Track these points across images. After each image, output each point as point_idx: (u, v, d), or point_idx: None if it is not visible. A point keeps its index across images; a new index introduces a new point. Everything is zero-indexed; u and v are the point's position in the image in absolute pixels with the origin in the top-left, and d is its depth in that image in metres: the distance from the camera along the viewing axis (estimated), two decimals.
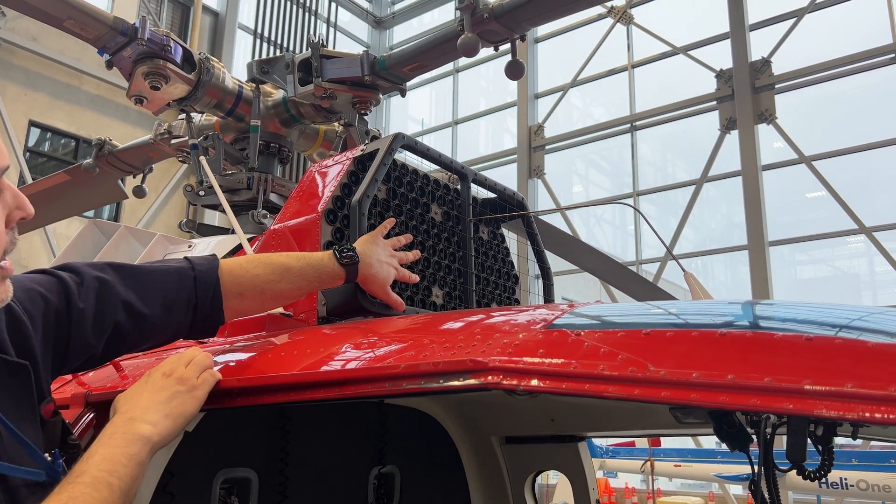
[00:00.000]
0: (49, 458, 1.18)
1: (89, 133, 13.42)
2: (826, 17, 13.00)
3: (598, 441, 11.43)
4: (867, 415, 0.79)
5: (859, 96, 12.79)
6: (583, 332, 1.09)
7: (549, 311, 1.30)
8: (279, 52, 16.56)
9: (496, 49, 2.54)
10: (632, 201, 14.56)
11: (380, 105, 3.00)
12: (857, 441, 1.55)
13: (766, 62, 13.07)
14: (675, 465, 10.87)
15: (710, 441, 10.90)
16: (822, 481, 8.43)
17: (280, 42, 17.29)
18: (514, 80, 2.48)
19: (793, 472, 1.31)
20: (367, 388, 1.20)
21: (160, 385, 1.30)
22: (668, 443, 11.00)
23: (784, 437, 1.33)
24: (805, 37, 12.99)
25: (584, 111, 17.57)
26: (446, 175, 2.37)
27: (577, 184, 17.61)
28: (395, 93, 2.95)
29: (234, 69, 16.04)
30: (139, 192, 4.34)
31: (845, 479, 8.33)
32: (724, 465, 9.83)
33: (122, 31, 2.71)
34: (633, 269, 13.60)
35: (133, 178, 4.39)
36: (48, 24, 2.63)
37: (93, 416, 1.50)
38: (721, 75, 13.60)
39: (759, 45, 13.36)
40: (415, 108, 20.09)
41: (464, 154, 17.75)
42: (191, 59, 2.95)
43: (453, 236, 2.34)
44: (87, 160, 4.15)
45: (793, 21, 13.00)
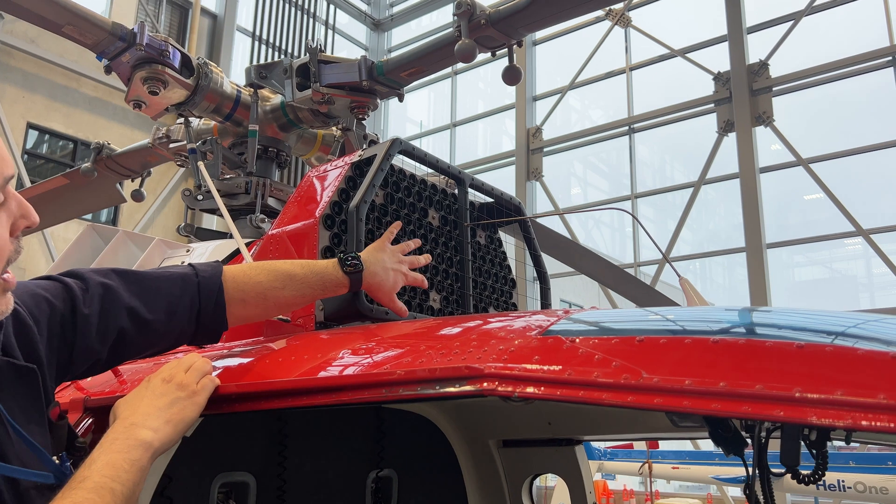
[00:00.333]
0: (57, 460, 1.19)
1: (87, 135, 13.42)
2: (823, 19, 13.04)
3: (596, 443, 11.44)
4: (857, 423, 0.79)
5: (856, 99, 12.82)
6: (577, 339, 1.10)
7: (544, 317, 1.31)
8: (277, 55, 16.58)
9: (493, 55, 2.55)
10: (630, 203, 14.59)
11: (378, 107, 3.00)
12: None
13: (763, 65, 13.10)
14: (674, 468, 10.88)
15: (708, 443, 10.90)
16: (820, 483, 8.44)
17: (278, 44, 17.29)
18: (511, 86, 2.49)
19: (789, 474, 1.32)
20: (364, 395, 1.21)
21: (160, 391, 1.31)
22: (666, 445, 11.01)
23: (780, 441, 1.35)
24: (802, 39, 13.02)
25: (583, 113, 17.61)
26: (443, 180, 2.38)
27: (575, 186, 17.63)
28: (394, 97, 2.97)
29: (232, 71, 16.06)
30: (137, 196, 4.34)
31: (843, 481, 8.34)
32: (722, 467, 9.84)
33: (120, 37, 2.72)
34: (632, 271, 13.62)
35: (131, 181, 4.40)
36: (47, 30, 2.64)
37: (91, 420, 1.51)
38: (719, 78, 13.63)
39: (757, 47, 13.40)
40: (413, 110, 20.12)
41: (462, 156, 17.77)
42: (189, 64, 2.96)
43: (450, 241, 2.35)
44: (86, 164, 4.16)
45: (790, 24, 13.04)
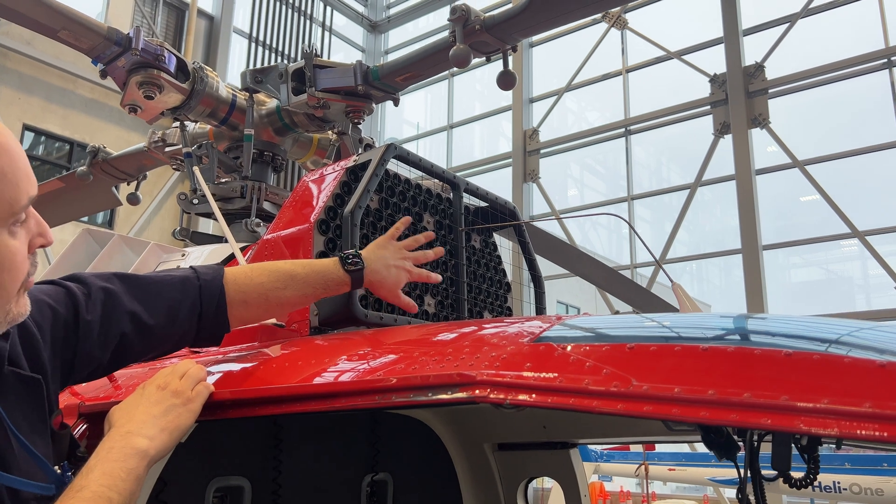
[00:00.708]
0: (58, 470, 1.20)
1: (83, 137, 13.41)
2: (819, 22, 13.08)
3: (592, 445, 11.43)
4: (844, 431, 0.80)
5: (852, 101, 12.86)
6: (569, 346, 1.11)
7: (536, 323, 1.32)
8: (274, 56, 16.56)
9: (488, 60, 2.56)
10: (626, 205, 14.62)
11: (374, 110, 3.01)
12: None
13: (759, 67, 13.14)
14: (670, 469, 10.89)
15: (703, 445, 10.90)
16: (816, 485, 8.46)
17: (275, 46, 17.29)
18: (506, 91, 2.50)
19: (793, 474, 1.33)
20: (358, 401, 1.22)
21: (155, 398, 1.31)
22: (662, 447, 11.02)
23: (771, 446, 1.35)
24: (798, 42, 13.06)
25: (579, 115, 17.63)
26: (438, 184, 2.39)
27: (571, 188, 17.65)
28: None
29: (228, 73, 16.04)
30: (133, 199, 4.34)
31: (838, 482, 8.35)
32: (718, 469, 9.85)
33: (116, 42, 2.73)
34: (628, 273, 13.64)
35: (127, 184, 4.41)
36: (43, 35, 2.64)
37: (86, 426, 1.51)
38: (715, 80, 13.66)
39: (753, 50, 13.43)
40: (410, 111, 20.13)
41: (459, 158, 17.78)
42: (185, 69, 2.96)
43: (445, 245, 2.35)
44: (82, 167, 4.16)
45: (786, 26, 13.08)
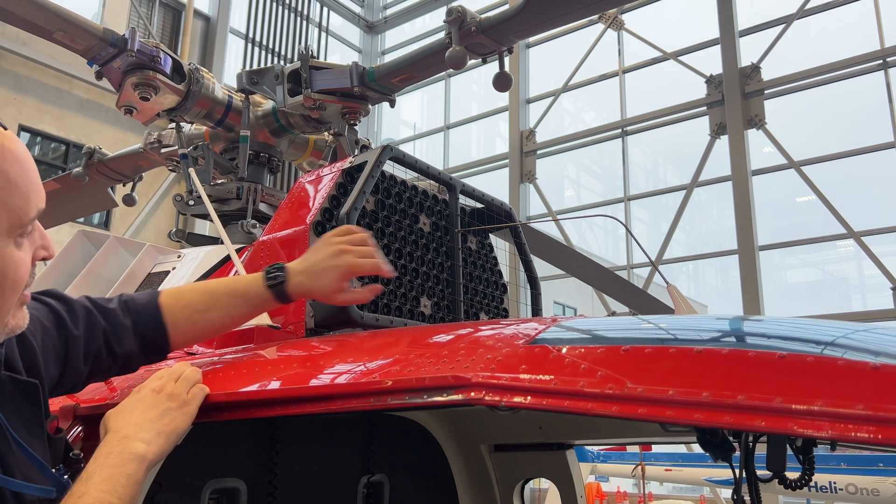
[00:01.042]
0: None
1: (79, 137, 13.38)
2: (814, 23, 13.12)
3: (589, 446, 11.44)
4: (836, 433, 0.81)
5: (848, 102, 12.90)
6: (564, 348, 1.11)
7: (531, 325, 1.32)
8: (271, 57, 16.55)
9: (484, 61, 2.57)
10: (623, 206, 14.64)
11: (371, 111, 3.01)
12: None
13: (755, 68, 13.17)
14: (666, 470, 10.91)
15: (699, 446, 10.91)
16: (812, 485, 8.47)
17: (272, 47, 17.28)
18: (502, 92, 2.50)
19: (788, 475, 1.34)
20: (353, 403, 1.22)
21: (151, 402, 1.31)
22: (658, 447, 11.03)
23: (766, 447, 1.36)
24: (794, 43, 13.10)
25: (576, 116, 17.65)
26: (434, 185, 2.39)
27: (568, 188, 17.68)
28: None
29: (225, 73, 16.02)
30: (129, 201, 4.33)
31: (834, 482, 8.37)
32: (715, 469, 9.87)
33: (111, 43, 2.72)
34: (624, 274, 13.66)
35: (123, 186, 4.40)
36: (38, 36, 2.64)
37: (81, 429, 1.51)
38: (711, 81, 13.69)
39: (749, 51, 13.46)
40: (407, 112, 20.13)
41: (456, 159, 17.78)
42: (181, 70, 2.96)
43: (441, 247, 2.36)
44: (77, 168, 4.15)
45: (782, 27, 13.11)
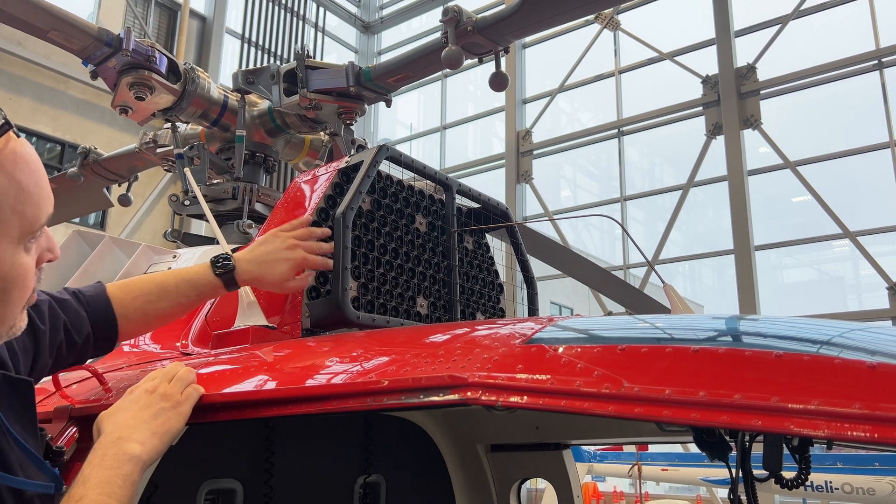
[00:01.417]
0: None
1: (75, 138, 13.34)
2: (810, 23, 13.15)
3: (585, 445, 11.45)
4: (833, 432, 0.80)
5: (843, 102, 12.93)
6: (561, 348, 1.11)
7: (528, 324, 1.32)
8: (267, 57, 16.53)
9: (480, 61, 2.56)
10: (619, 206, 14.66)
11: (367, 111, 3.01)
12: None
13: (751, 68, 13.20)
14: (663, 469, 10.92)
15: (696, 446, 10.93)
16: (808, 484, 8.49)
17: (268, 47, 17.26)
18: (498, 92, 2.50)
19: (784, 475, 1.34)
20: (349, 403, 1.21)
21: (144, 402, 1.31)
22: (655, 447, 11.05)
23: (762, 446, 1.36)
24: (789, 43, 13.13)
25: (572, 116, 17.67)
26: (431, 185, 2.39)
27: (565, 188, 17.69)
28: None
29: (221, 74, 16.00)
30: (124, 201, 4.32)
31: (830, 482, 8.39)
32: (711, 469, 9.89)
33: (106, 42, 2.71)
34: (621, 273, 13.67)
35: (118, 186, 4.39)
36: (32, 35, 2.63)
37: (76, 430, 1.51)
38: (707, 81, 13.71)
39: (745, 51, 13.49)
40: (403, 112, 20.12)
41: (452, 159, 17.78)
42: (176, 70, 2.95)
43: (438, 247, 2.35)
44: (72, 168, 4.14)
45: (777, 28, 13.14)
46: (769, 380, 0.88)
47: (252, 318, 1.92)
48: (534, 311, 2.62)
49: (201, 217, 2.92)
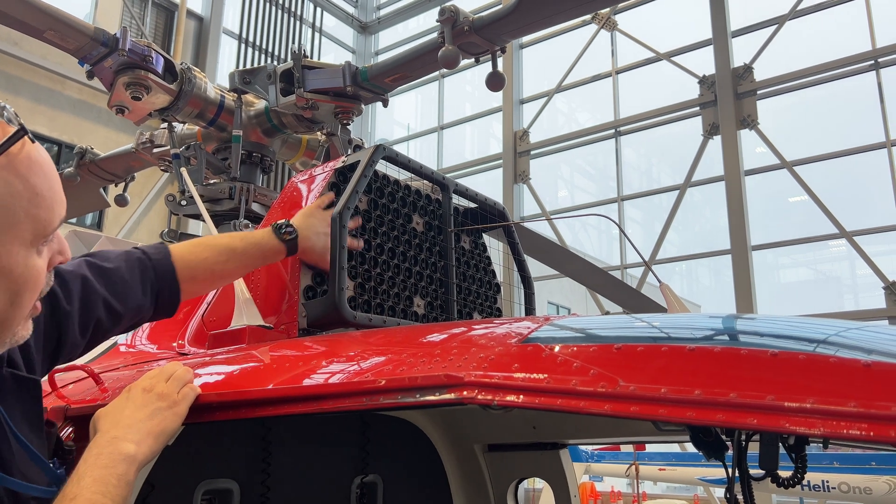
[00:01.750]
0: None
1: (72, 138, 13.32)
2: (807, 24, 13.17)
3: (583, 445, 11.46)
4: (828, 430, 0.81)
5: (840, 102, 12.96)
6: (557, 347, 1.11)
7: (524, 323, 1.32)
8: (264, 57, 16.51)
9: (477, 61, 2.56)
10: (616, 206, 14.67)
11: (364, 111, 3.01)
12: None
13: (748, 68, 13.22)
14: (660, 469, 10.93)
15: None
16: (805, 484, 8.51)
17: (265, 47, 17.24)
18: (494, 92, 2.50)
19: (781, 474, 1.34)
20: (345, 403, 1.21)
21: (141, 402, 1.31)
22: (652, 447, 11.05)
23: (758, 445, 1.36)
24: (786, 43, 13.15)
25: (570, 116, 17.68)
26: (427, 185, 2.39)
27: (562, 189, 17.70)
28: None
29: (218, 74, 15.98)
30: (121, 201, 4.31)
31: (827, 481, 8.40)
32: (708, 468, 9.90)
33: (102, 42, 2.70)
34: (618, 273, 13.68)
35: (115, 186, 4.38)
36: (28, 35, 2.62)
37: (72, 430, 1.50)
38: (704, 81, 13.73)
39: (741, 51, 13.51)
40: (400, 112, 20.12)
41: (450, 159, 17.78)
42: (172, 69, 2.95)
43: (435, 246, 2.35)
44: (69, 168, 4.13)
45: (774, 28, 13.16)
46: (765, 378, 0.88)
47: (248, 317, 1.92)
48: (531, 310, 2.62)
49: (198, 217, 2.92)
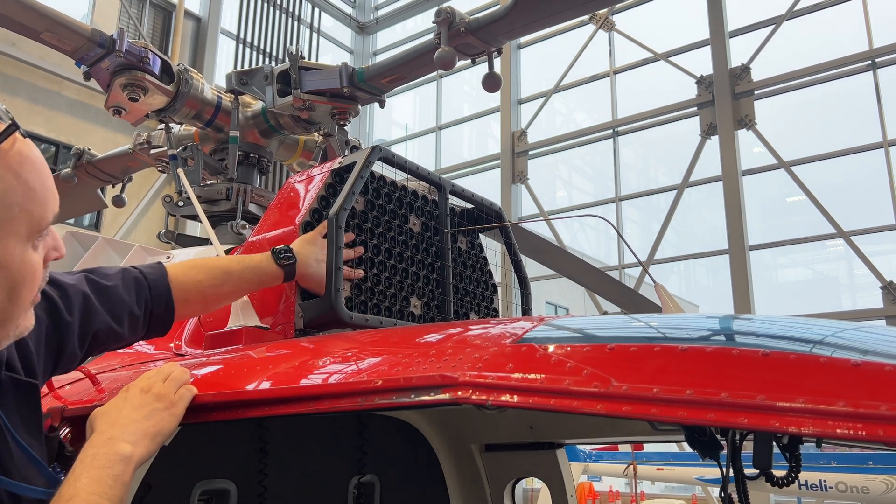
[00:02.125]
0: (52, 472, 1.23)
1: (69, 139, 13.30)
2: (804, 24, 13.19)
3: (581, 445, 11.47)
4: (818, 429, 0.81)
5: (837, 102, 12.98)
6: (551, 347, 1.11)
7: (519, 324, 1.32)
8: (262, 58, 16.50)
9: (473, 62, 2.57)
10: (614, 206, 14.68)
11: (361, 112, 3.02)
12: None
13: (745, 69, 13.24)
14: (658, 469, 10.94)
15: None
16: (802, 483, 8.52)
17: (263, 48, 17.23)
18: (491, 93, 2.51)
19: (776, 473, 1.34)
20: (341, 403, 1.22)
21: (138, 402, 1.31)
22: (650, 447, 11.06)
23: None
24: (783, 44, 13.17)
25: (567, 116, 17.68)
26: (424, 186, 2.39)
27: (560, 189, 17.70)
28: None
29: (216, 74, 15.97)
30: (118, 202, 4.31)
31: (824, 481, 8.41)
32: (706, 468, 9.90)
33: (99, 43, 2.71)
34: (616, 273, 13.69)
35: (112, 187, 4.38)
36: (25, 37, 2.62)
37: (69, 430, 1.51)
38: (701, 81, 13.75)
39: (739, 51, 13.53)
40: (398, 113, 20.13)
41: (448, 159, 17.79)
42: (169, 71, 2.95)
43: (431, 247, 2.36)
44: (66, 169, 4.13)
45: (771, 28, 13.18)
46: (756, 378, 0.89)
47: (245, 318, 1.93)
48: (527, 310, 2.63)
49: (195, 218, 2.92)
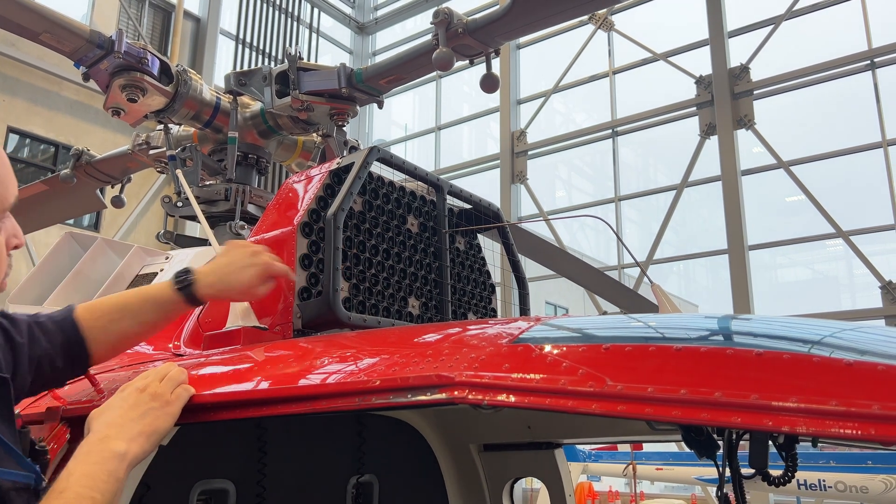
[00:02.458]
0: None
1: (68, 139, 13.30)
2: (803, 24, 13.20)
3: (580, 445, 11.47)
4: (811, 429, 0.82)
5: (836, 102, 12.98)
6: (547, 347, 1.12)
7: (515, 324, 1.33)
8: (261, 58, 16.51)
9: (471, 63, 2.58)
10: (613, 206, 14.69)
11: (360, 112, 3.03)
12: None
13: (744, 68, 13.24)
14: (657, 469, 10.95)
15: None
16: (801, 483, 8.53)
17: (262, 48, 17.23)
18: (489, 94, 2.51)
19: (772, 472, 1.35)
20: (338, 403, 1.22)
21: (134, 401, 1.32)
22: (649, 446, 11.07)
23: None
24: (783, 44, 13.17)
25: (567, 116, 17.69)
26: (422, 186, 2.40)
27: (559, 189, 17.71)
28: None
29: (215, 75, 15.97)
30: (117, 203, 4.32)
31: (823, 480, 8.42)
32: (705, 468, 9.91)
33: (98, 44, 2.71)
34: (615, 273, 13.69)
35: (111, 187, 4.38)
36: (24, 38, 2.63)
37: (67, 430, 1.51)
38: (700, 81, 13.75)
39: (738, 51, 13.53)
40: (398, 113, 20.13)
41: (447, 159, 17.79)
42: (168, 71, 2.95)
43: (429, 247, 2.36)
44: (65, 170, 4.14)
45: (771, 28, 13.19)
46: (749, 377, 0.89)
47: (244, 319, 1.93)
48: (525, 311, 2.64)
49: (194, 218, 2.93)
